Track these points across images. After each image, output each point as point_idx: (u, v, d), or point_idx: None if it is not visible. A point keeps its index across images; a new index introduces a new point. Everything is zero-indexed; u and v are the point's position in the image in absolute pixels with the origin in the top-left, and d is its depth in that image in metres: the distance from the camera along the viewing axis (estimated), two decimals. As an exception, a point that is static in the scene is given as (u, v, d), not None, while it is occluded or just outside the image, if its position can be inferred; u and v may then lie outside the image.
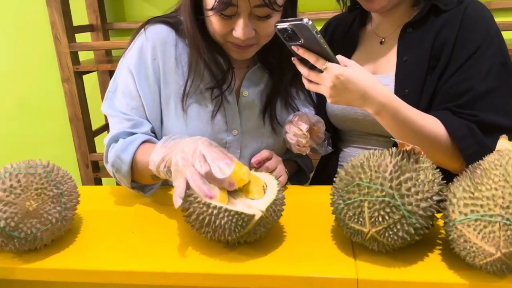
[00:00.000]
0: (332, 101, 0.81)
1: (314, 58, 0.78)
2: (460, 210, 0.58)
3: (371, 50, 1.00)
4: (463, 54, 0.87)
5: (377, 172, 0.62)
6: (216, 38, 0.88)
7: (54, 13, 1.74)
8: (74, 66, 1.81)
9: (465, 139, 0.83)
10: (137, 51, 0.91)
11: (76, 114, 1.88)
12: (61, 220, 0.70)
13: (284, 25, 0.75)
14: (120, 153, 0.86)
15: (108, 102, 0.94)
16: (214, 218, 0.63)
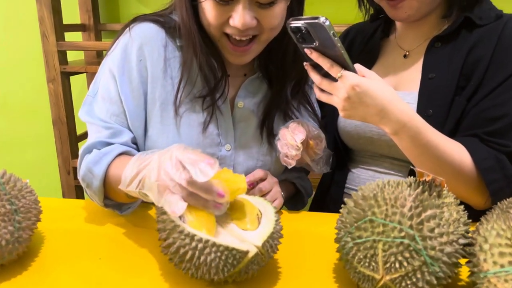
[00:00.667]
0: (344, 114, 0.72)
1: (328, 64, 0.69)
2: (495, 260, 0.48)
3: (393, 64, 0.91)
4: (498, 75, 0.77)
5: (394, 206, 0.52)
6: (211, 31, 0.78)
7: (44, 9, 1.65)
8: (61, 66, 1.71)
9: (493, 172, 0.73)
10: (120, 52, 0.81)
11: (60, 116, 1.77)
12: (13, 242, 0.59)
13: (298, 24, 0.66)
14: (92, 166, 0.75)
15: (86, 107, 0.83)
16: (199, 253, 0.52)
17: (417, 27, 0.88)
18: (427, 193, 0.55)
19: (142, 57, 0.81)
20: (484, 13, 0.83)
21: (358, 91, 0.69)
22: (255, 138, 0.87)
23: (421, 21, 0.87)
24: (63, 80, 1.73)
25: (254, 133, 0.87)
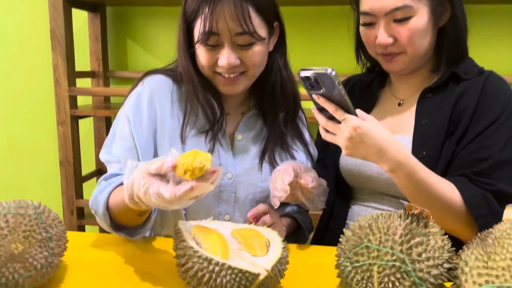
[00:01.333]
0: (347, 153, 0.82)
1: (333, 108, 0.79)
2: (474, 280, 0.56)
3: (389, 111, 1.02)
4: (483, 122, 0.88)
5: (387, 234, 0.60)
6: (205, 72, 0.93)
7: (58, 57, 1.77)
8: (72, 110, 1.81)
9: (480, 208, 0.83)
10: (134, 98, 0.96)
11: (68, 158, 1.85)
12: (47, 267, 0.65)
13: (307, 73, 0.77)
14: (98, 194, 0.86)
15: (106, 148, 0.96)
16: (215, 275, 0.59)
17: (409, 79, 1.00)
18: (415, 223, 0.63)
19: (152, 102, 0.94)
20: (468, 69, 0.96)
21: (359, 132, 0.78)
22: (254, 167, 0.98)
23: (413, 74, 0.99)
24: (72, 123, 1.83)
25: (253, 162, 0.98)
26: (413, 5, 0.89)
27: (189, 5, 0.90)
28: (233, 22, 0.85)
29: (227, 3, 0.85)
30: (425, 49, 0.94)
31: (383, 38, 0.91)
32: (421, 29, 0.90)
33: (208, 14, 0.85)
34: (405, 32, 0.90)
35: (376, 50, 0.95)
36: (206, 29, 0.86)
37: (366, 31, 0.95)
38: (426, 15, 0.91)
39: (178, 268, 0.66)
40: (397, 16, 0.90)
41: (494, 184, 0.85)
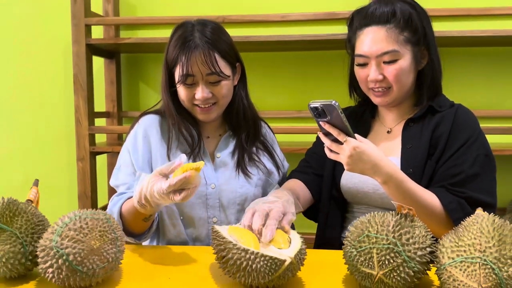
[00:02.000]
0: (348, 168, 1.02)
1: (337, 132, 0.99)
2: (449, 255, 0.75)
3: (380, 137, 1.24)
4: (455, 145, 1.12)
5: (382, 226, 0.80)
6: (186, 105, 1.20)
7: (80, 99, 1.98)
8: (91, 147, 2.00)
9: (456, 212, 1.04)
10: (133, 135, 1.25)
11: (86, 191, 2.02)
12: (115, 261, 0.83)
13: (316, 105, 0.97)
14: (112, 207, 1.12)
15: (114, 176, 1.23)
16: (251, 262, 0.77)
17: (395, 111, 1.24)
18: (404, 218, 0.82)
19: (146, 136, 1.23)
20: (442, 103, 1.20)
21: (358, 151, 0.99)
22: (232, 177, 1.23)
23: (398, 106, 1.22)
24: (91, 159, 2.02)
25: (231, 174, 1.23)
26: (399, 50, 1.12)
27: (170, 55, 1.18)
28: (204, 66, 1.13)
29: (199, 52, 1.12)
30: (408, 86, 1.17)
31: (374, 75, 1.13)
32: (405, 70, 1.13)
33: (185, 61, 1.13)
34: (392, 71, 1.12)
35: (368, 85, 1.17)
36: (184, 72, 1.13)
37: (360, 70, 1.18)
38: (409, 59, 1.14)
39: (218, 260, 0.84)
40: (386, 58, 1.12)
41: (466, 192, 1.06)
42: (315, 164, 1.31)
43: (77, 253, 0.78)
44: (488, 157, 1.12)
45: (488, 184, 1.10)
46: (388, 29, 1.12)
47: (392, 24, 1.12)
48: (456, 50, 2.06)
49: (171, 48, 1.18)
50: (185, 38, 1.15)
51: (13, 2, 2.27)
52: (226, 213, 1.22)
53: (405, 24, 1.13)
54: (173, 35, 1.19)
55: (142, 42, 2.00)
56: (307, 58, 2.15)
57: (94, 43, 1.99)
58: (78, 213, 0.84)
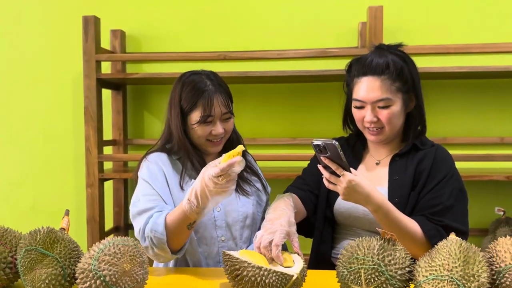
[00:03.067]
0: (344, 198, 1.20)
1: (335, 167, 1.17)
2: (423, 274, 0.91)
3: (370, 168, 1.42)
4: (435, 179, 1.30)
5: (368, 249, 0.96)
6: (199, 141, 1.38)
7: (90, 129, 2.13)
8: (99, 174, 2.15)
9: (435, 237, 1.21)
10: (146, 169, 1.38)
11: (94, 216, 2.16)
12: (142, 281, 0.98)
13: (318, 142, 1.15)
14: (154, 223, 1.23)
15: (134, 207, 1.32)
16: (265, 278, 0.93)
17: (385, 147, 1.42)
18: (387, 243, 0.99)
19: (160, 168, 1.38)
20: (424, 142, 1.39)
21: (353, 184, 1.17)
22: (233, 198, 1.41)
23: (388, 143, 1.40)
24: (99, 186, 2.16)
25: (232, 196, 1.38)
26: (392, 97, 1.31)
27: (186, 101, 1.35)
28: (222, 107, 1.35)
29: (217, 96, 1.34)
30: (398, 126, 1.36)
31: (370, 118, 1.32)
32: (396, 114, 1.32)
33: (207, 105, 1.32)
34: (386, 115, 1.31)
35: (364, 124, 1.35)
36: (206, 113, 1.33)
37: (357, 111, 1.36)
38: (400, 104, 1.33)
39: (231, 280, 0.99)
40: (380, 104, 1.30)
41: (443, 221, 1.25)
42: (311, 183, 1.47)
43: (112, 274, 0.93)
44: (461, 191, 1.31)
45: (462, 214, 1.29)
46: (382, 80, 1.30)
47: (386, 75, 1.30)
48: (436, 83, 2.26)
49: (186, 95, 1.35)
50: (200, 86, 1.35)
51: (26, 36, 2.44)
52: (231, 231, 1.39)
53: (397, 76, 1.31)
54: (183, 85, 1.37)
55: (148, 77, 2.17)
56: (301, 90, 2.34)
57: (104, 78, 2.15)
58: (111, 240, 0.99)
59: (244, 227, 1.40)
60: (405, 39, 2.02)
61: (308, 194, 1.44)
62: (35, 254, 0.99)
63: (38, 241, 1.00)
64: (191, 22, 2.35)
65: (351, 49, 2.17)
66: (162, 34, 2.37)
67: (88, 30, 2.10)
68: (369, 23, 2.03)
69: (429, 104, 1.42)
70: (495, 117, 2.25)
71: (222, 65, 2.21)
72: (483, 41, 2.15)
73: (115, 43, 2.34)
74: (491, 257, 0.97)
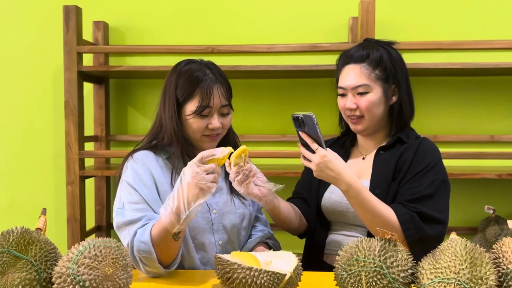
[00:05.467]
0: (316, 174, 1.22)
1: (310, 141, 1.20)
2: (428, 277, 0.86)
3: (356, 163, 1.44)
4: (414, 170, 1.30)
5: (369, 251, 0.90)
6: (194, 136, 1.28)
7: (71, 124, 2.04)
8: (80, 171, 2.05)
9: (407, 223, 1.21)
10: (131, 171, 1.27)
11: (75, 215, 2.06)
12: (126, 285, 0.90)
13: (297, 115, 1.19)
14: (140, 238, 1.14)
15: (119, 217, 1.22)
16: (255, 278, 0.87)
17: (371, 141, 1.42)
18: (388, 244, 0.93)
19: (147, 169, 1.26)
20: (409, 135, 1.38)
21: (325, 160, 1.19)
22: (229, 200, 1.34)
23: (373, 136, 1.41)
24: (80, 183, 2.06)
25: (227, 198, 1.34)
26: (370, 84, 1.32)
27: (181, 91, 1.26)
28: (222, 98, 1.27)
29: (218, 86, 1.27)
30: (377, 116, 1.35)
31: (349, 104, 1.34)
32: (375, 102, 1.33)
33: (205, 94, 1.24)
34: (364, 102, 1.32)
35: (345, 113, 1.37)
36: (204, 104, 1.24)
37: (340, 100, 1.39)
38: (379, 93, 1.34)
39: (223, 284, 0.92)
40: (359, 90, 1.33)
41: (418, 208, 1.23)
42: (302, 190, 1.49)
43: (92, 279, 0.85)
44: (444, 182, 1.29)
45: (441, 204, 1.27)
46: (362, 67, 1.34)
47: (366, 63, 1.34)
48: (428, 80, 2.23)
49: (183, 84, 1.26)
50: (198, 75, 1.26)
51: (3, 26, 2.32)
52: (228, 234, 1.31)
53: (376, 64, 1.34)
54: (180, 73, 1.28)
55: (132, 70, 2.08)
56: (291, 85, 2.28)
57: (85, 70, 2.06)
58: (92, 242, 0.91)
59: (241, 229, 1.34)
60: (397, 34, 2.00)
61: (300, 201, 1.47)
62: (7, 257, 0.90)
63: (11, 242, 0.92)
64: (177, 14, 2.27)
65: (341, 44, 2.12)
66: (147, 26, 2.28)
67: (69, 21, 2.00)
68: (360, 18, 1.98)
69: (420, 101, 1.42)
70: (486, 115, 2.22)
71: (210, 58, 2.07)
72: (476, 38, 2.12)
73: (97, 35, 2.24)
74: (496, 258, 0.92)
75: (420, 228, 1.20)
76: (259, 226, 1.42)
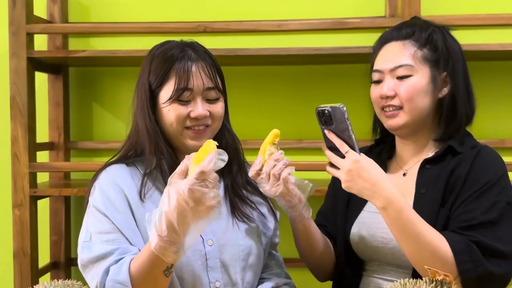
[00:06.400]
0: (345, 186, 1.22)
1: (339, 142, 1.21)
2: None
3: (395, 180, 1.40)
4: (470, 189, 1.27)
5: (416, 297, 0.91)
6: (174, 128, 1.28)
7: (18, 128, 2.04)
8: (31, 190, 2.06)
9: (463, 254, 1.18)
10: (99, 192, 1.28)
11: (24, 247, 2.06)
12: None
13: (324, 108, 1.19)
14: (116, 277, 1.14)
15: (85, 252, 1.21)
16: None
17: (412, 148, 1.41)
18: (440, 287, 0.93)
19: (118, 189, 1.27)
20: (465, 143, 1.36)
21: (358, 166, 1.19)
22: (230, 226, 1.32)
23: (415, 141, 1.40)
24: (31, 205, 2.07)
25: (227, 222, 1.32)
26: (413, 65, 1.32)
27: (156, 72, 1.28)
28: (206, 78, 1.27)
29: (200, 64, 1.28)
30: (421, 110, 1.34)
31: (385, 90, 1.33)
32: (419, 88, 1.32)
33: (182, 73, 1.25)
34: (404, 88, 1.32)
35: (380, 104, 1.36)
36: (182, 86, 1.25)
37: (374, 88, 1.39)
38: (426, 78, 1.33)
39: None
40: (399, 72, 1.32)
41: (476, 236, 1.21)
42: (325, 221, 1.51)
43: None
44: (510, 205, 1.28)
45: (506, 232, 1.25)
46: (405, 43, 1.35)
47: (412, 39, 1.35)
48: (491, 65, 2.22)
49: (157, 64, 1.29)
50: (174, 53, 1.28)
51: None
52: (229, 273, 1.29)
53: (424, 41, 1.34)
54: (153, 57, 1.31)
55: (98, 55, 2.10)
56: (309, 74, 2.29)
57: (38, 56, 2.08)
58: (48, 285, 0.92)
59: (247, 267, 1.32)
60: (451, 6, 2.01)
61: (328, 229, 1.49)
62: None
63: None
64: (158, -19, 2.30)
65: (376, 19, 2.12)
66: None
67: (15, -9, 2.02)
68: (401, -16, 1.99)
69: (480, 94, 1.41)
70: None
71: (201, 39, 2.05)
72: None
73: (53, 10, 2.26)
74: None
75: (479, 263, 1.19)
76: (273, 268, 1.42)
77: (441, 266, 1.15)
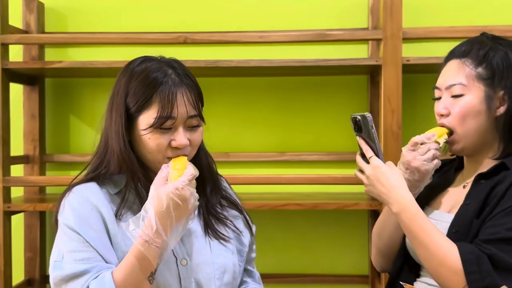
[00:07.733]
0: (366, 189, 1.36)
1: (366, 148, 1.34)
2: None
3: (454, 191, 1.48)
4: (504, 204, 1.29)
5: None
6: (153, 157, 1.27)
7: (-9, 140, 2.03)
8: (5, 205, 2.04)
9: (471, 264, 1.21)
10: (70, 210, 1.25)
11: (-3, 266, 2.04)
12: None
13: (355, 115, 1.32)
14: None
15: (57, 271, 1.20)
16: None
17: (474, 165, 1.45)
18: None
19: (92, 206, 1.25)
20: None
21: (378, 171, 1.31)
22: (203, 246, 1.32)
23: (476, 160, 1.44)
24: (5, 222, 2.05)
25: (201, 241, 1.32)
26: (466, 84, 1.37)
27: (134, 98, 1.26)
28: (190, 107, 1.26)
29: (183, 90, 1.26)
30: (474, 131, 1.37)
31: (440, 108, 1.41)
32: (471, 109, 1.36)
33: (166, 102, 1.23)
34: (457, 107, 1.37)
35: (438, 121, 1.43)
36: (165, 114, 1.24)
37: (435, 104, 1.45)
38: (479, 97, 1.36)
39: None
40: (453, 91, 1.39)
41: (491, 249, 1.23)
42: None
43: None
44: None
45: None
46: (462, 62, 1.40)
47: (468, 57, 1.40)
48: None
49: (136, 89, 1.26)
50: (157, 76, 1.26)
51: None
52: None
53: (480, 60, 1.38)
54: (132, 75, 1.28)
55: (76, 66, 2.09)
56: (292, 86, 2.30)
57: (12, 68, 2.07)
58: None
59: (222, 286, 1.32)
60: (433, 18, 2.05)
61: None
62: None
63: None
64: (137, -9, 2.31)
65: (359, 31, 2.16)
66: (96, 8, 2.30)
67: (-11, 0, 2.02)
68: (384, -4, 2.02)
69: None
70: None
71: (182, 50, 2.15)
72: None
73: (29, 19, 2.26)
74: None
75: (487, 274, 1.21)
76: (250, 284, 1.42)
77: (449, 275, 1.23)
